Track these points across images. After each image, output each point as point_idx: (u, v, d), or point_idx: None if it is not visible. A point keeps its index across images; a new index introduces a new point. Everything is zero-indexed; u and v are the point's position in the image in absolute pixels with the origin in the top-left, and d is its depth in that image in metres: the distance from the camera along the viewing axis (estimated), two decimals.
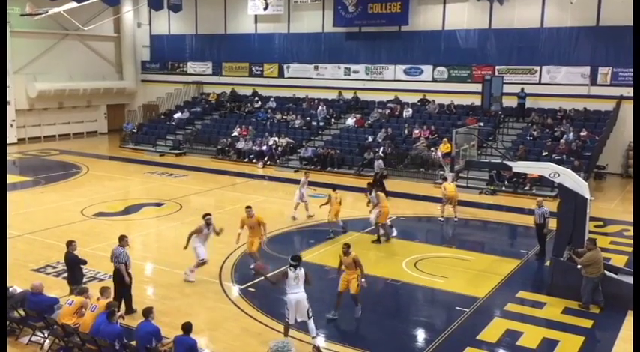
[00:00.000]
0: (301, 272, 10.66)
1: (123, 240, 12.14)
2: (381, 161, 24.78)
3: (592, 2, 27.00)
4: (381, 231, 16.78)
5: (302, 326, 11.38)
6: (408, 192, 23.42)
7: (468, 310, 12.37)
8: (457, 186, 20.28)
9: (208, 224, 13.68)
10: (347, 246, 11.75)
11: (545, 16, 28.41)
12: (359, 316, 11.84)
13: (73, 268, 11.95)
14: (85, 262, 12.12)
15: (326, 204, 17.55)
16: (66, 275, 12.43)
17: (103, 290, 10.49)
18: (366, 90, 32.74)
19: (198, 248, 13.60)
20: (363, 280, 11.63)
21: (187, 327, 9.35)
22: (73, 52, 37.85)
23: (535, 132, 26.33)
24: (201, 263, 13.62)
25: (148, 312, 9.78)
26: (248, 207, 14.40)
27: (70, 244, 11.93)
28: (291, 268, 10.63)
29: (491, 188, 23.59)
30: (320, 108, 32.40)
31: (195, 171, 27.83)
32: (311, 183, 20.98)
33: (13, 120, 34.65)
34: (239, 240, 14.39)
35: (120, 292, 11.74)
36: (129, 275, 11.90)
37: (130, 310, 11.72)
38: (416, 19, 31.28)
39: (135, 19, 40.44)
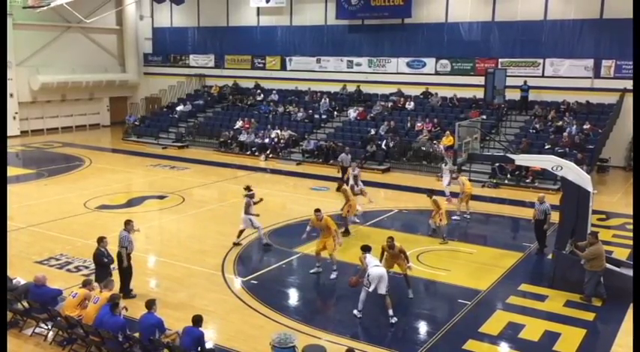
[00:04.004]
0: None
1: (127, 224, 12.31)
2: (350, 155, 23.33)
3: None
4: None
5: (307, 320, 11.45)
6: (411, 185, 23.38)
7: (470, 303, 12.40)
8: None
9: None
10: (391, 239, 12.60)
11: (549, 9, 28.27)
12: (412, 297, 12.50)
13: (98, 265, 11.82)
14: (111, 261, 11.90)
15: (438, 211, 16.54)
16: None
17: (107, 283, 10.53)
18: (369, 83, 32.67)
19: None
20: (410, 264, 12.68)
21: (197, 320, 9.46)
22: (76, 45, 37.81)
23: (538, 125, 26.26)
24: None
25: (150, 304, 9.83)
26: (317, 211, 14.09)
27: (100, 241, 11.75)
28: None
29: (494, 181, 23.58)
30: (323, 100, 32.36)
31: (197, 163, 27.85)
32: (312, 177, 21.11)
33: (16, 113, 34.69)
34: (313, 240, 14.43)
35: (123, 277, 11.92)
36: (128, 258, 12.03)
37: (122, 291, 11.76)
38: (419, 12, 31.16)
39: (137, 11, 40.39)
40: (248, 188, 16.24)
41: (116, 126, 39.01)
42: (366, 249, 12.10)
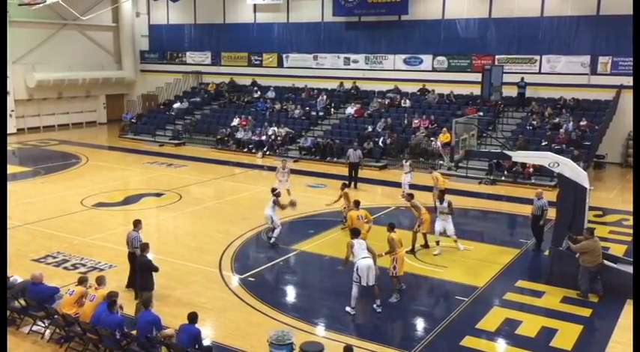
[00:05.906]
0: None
1: (137, 224, 12.39)
2: (359, 151, 23.08)
3: None
4: None
5: (303, 317, 11.46)
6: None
7: (467, 299, 12.42)
8: (457, 176, 20.29)
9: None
10: (391, 225, 12.74)
11: (546, 5, 28.27)
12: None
13: (144, 273, 11.46)
14: (156, 269, 11.46)
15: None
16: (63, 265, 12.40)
17: (100, 280, 10.48)
18: (366, 79, 32.66)
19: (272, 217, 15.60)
20: (384, 254, 12.29)
21: (193, 317, 9.46)
22: (72, 42, 37.70)
23: (535, 122, 26.29)
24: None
25: (147, 302, 9.82)
26: (357, 202, 15.12)
27: (145, 247, 11.54)
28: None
29: (491, 178, 23.61)
30: (320, 98, 32.34)
31: (194, 161, 27.82)
32: (310, 174, 21.11)
33: (12, 111, 34.60)
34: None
35: (133, 274, 11.97)
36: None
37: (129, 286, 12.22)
38: (416, 8, 31.15)
39: (133, 8, 40.27)
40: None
41: (113, 123, 38.93)
42: (355, 232, 12.03)
